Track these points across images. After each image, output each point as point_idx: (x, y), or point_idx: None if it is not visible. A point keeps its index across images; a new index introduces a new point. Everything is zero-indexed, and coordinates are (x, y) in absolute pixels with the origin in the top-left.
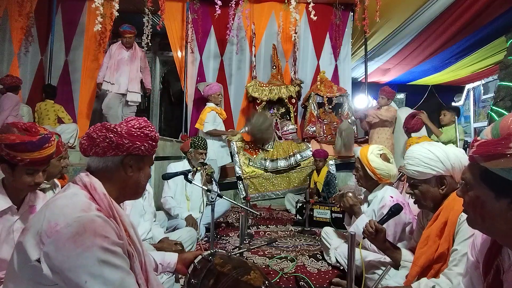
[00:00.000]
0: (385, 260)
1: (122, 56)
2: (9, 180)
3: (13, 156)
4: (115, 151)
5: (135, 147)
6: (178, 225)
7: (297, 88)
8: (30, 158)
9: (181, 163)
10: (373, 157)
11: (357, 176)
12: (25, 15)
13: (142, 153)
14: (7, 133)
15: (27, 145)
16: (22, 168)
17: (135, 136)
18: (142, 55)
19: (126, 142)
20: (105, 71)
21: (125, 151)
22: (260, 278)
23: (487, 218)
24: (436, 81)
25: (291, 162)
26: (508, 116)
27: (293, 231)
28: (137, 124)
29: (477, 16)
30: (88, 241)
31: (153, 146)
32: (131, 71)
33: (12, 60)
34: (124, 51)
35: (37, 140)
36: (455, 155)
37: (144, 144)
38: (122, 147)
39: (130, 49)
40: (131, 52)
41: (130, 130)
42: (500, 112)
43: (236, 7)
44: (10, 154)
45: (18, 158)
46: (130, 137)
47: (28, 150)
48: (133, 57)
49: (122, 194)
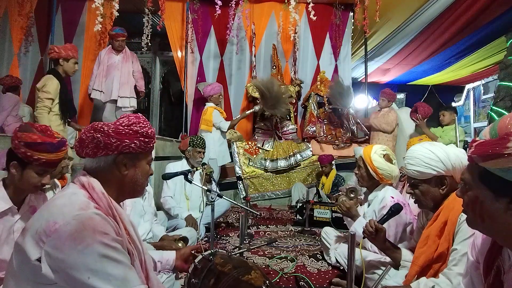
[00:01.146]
0: (385, 260)
1: (112, 61)
2: (16, 179)
3: (30, 155)
4: (105, 151)
5: (124, 146)
6: (178, 225)
7: (297, 88)
8: (47, 158)
9: (179, 162)
10: (376, 156)
11: (358, 175)
12: (25, 15)
13: (134, 150)
14: (29, 132)
15: (47, 146)
16: (33, 168)
17: (123, 134)
18: (134, 58)
19: (114, 141)
20: (94, 79)
21: (115, 150)
22: (260, 278)
23: (486, 218)
24: (436, 81)
25: (291, 162)
26: (506, 116)
27: (293, 231)
28: (126, 121)
29: (477, 16)
30: (88, 238)
31: (146, 143)
32: (122, 75)
33: (12, 60)
34: (114, 55)
35: (57, 142)
36: (456, 155)
37: (134, 141)
38: (110, 147)
39: (121, 52)
40: (121, 55)
41: (117, 128)
42: (500, 112)
43: (236, 7)
44: (28, 152)
45: (35, 157)
46: (118, 135)
47: (47, 150)
48: (123, 60)
49: (120, 193)
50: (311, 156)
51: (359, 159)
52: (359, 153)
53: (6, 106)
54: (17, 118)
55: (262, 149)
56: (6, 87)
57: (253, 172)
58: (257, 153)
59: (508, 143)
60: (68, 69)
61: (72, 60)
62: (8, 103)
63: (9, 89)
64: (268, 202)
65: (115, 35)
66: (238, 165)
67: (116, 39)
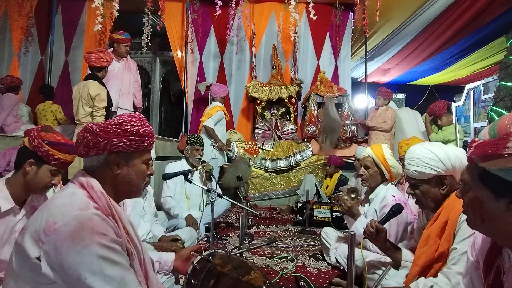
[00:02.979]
0: (385, 260)
1: (111, 67)
2: (29, 177)
3: (51, 154)
4: (96, 150)
5: (112, 145)
6: (178, 225)
7: (297, 88)
8: (65, 159)
9: (179, 162)
10: (389, 155)
11: (366, 176)
12: (25, 15)
13: (124, 149)
14: (52, 132)
15: (68, 147)
16: (49, 167)
17: (111, 133)
18: (135, 67)
19: (101, 140)
20: None
21: (104, 149)
22: (260, 278)
23: (486, 218)
24: (436, 81)
25: (291, 162)
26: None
27: (293, 231)
28: (116, 120)
29: (477, 16)
30: (87, 239)
31: (138, 141)
32: (123, 84)
33: (12, 60)
34: (115, 61)
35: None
36: (456, 155)
37: (123, 140)
38: (99, 146)
39: (122, 59)
40: (122, 63)
41: (106, 127)
42: (500, 112)
43: (236, 7)
44: (50, 151)
45: (55, 157)
46: (106, 134)
47: (67, 151)
48: (125, 68)
49: (117, 193)
50: (311, 156)
51: (366, 159)
52: (365, 153)
53: (6, 106)
54: (17, 118)
55: (262, 149)
56: (6, 87)
57: (253, 172)
58: (257, 153)
59: (507, 143)
60: (105, 74)
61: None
62: (7, 103)
63: (9, 89)
64: (268, 202)
65: (123, 40)
66: None
67: (125, 44)
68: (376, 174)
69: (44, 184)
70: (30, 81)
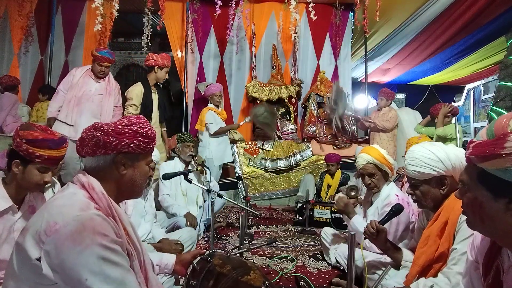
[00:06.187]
0: (385, 261)
1: (87, 87)
2: (18, 177)
3: (32, 152)
4: (104, 150)
5: (123, 145)
6: (177, 222)
7: (297, 88)
8: (48, 155)
9: (172, 162)
10: (386, 154)
11: (373, 184)
12: (25, 15)
13: (133, 150)
14: (29, 130)
15: (48, 142)
16: (35, 166)
17: (123, 133)
18: (117, 89)
19: (113, 140)
20: (61, 102)
21: (114, 149)
22: (260, 278)
23: (486, 219)
24: (436, 81)
25: (291, 162)
26: (502, 117)
27: (293, 231)
28: (126, 121)
29: (477, 16)
30: (88, 239)
31: (146, 143)
32: (103, 110)
33: (12, 60)
34: (92, 81)
35: (58, 139)
36: (456, 155)
37: (133, 141)
38: (109, 145)
39: (101, 80)
40: (101, 84)
41: (117, 127)
42: (500, 112)
43: (236, 7)
44: (30, 149)
45: (36, 154)
46: (117, 134)
47: (48, 147)
48: (105, 92)
49: (119, 193)
50: (311, 156)
51: (367, 167)
52: (363, 160)
53: (4, 106)
54: (16, 117)
55: (262, 149)
56: (3, 86)
57: (253, 172)
58: (257, 153)
59: (505, 143)
60: (161, 76)
61: (165, 69)
62: (6, 102)
63: (7, 88)
64: (268, 202)
65: (99, 57)
66: (238, 165)
67: (101, 63)
68: (381, 177)
69: (35, 182)
70: (30, 81)
